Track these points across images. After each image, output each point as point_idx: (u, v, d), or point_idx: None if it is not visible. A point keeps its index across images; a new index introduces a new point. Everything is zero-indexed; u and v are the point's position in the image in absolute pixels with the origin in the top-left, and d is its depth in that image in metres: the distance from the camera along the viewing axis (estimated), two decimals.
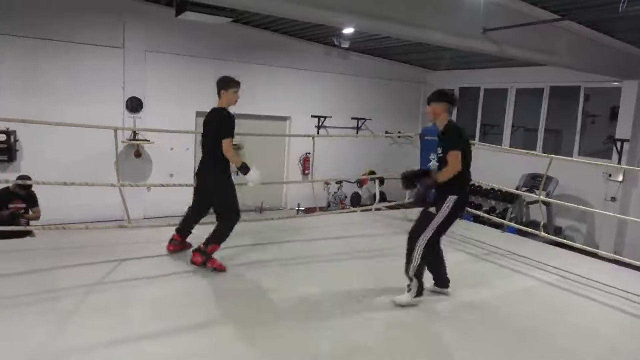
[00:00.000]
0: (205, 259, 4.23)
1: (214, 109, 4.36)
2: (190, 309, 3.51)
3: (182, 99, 9.49)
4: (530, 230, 6.02)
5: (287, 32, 10.32)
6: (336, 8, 5.42)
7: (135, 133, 8.89)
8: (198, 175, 4.47)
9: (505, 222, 7.69)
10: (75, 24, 8.45)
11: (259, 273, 4.29)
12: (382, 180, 10.10)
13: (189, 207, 4.63)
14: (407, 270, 3.70)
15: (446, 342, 3.33)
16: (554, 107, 10.38)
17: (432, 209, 3.68)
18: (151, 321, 3.27)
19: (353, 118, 11.73)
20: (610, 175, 8.84)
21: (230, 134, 4.17)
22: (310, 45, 10.91)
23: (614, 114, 9.21)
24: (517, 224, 7.67)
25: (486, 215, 7.74)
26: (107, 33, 8.72)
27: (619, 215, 7.57)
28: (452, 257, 5.31)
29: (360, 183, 11.74)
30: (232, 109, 4.29)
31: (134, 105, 9.05)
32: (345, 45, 10.29)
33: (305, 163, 11.10)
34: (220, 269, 4.22)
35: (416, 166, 6.67)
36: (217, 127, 4.21)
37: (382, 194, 9.82)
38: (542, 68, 9.59)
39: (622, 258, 5.48)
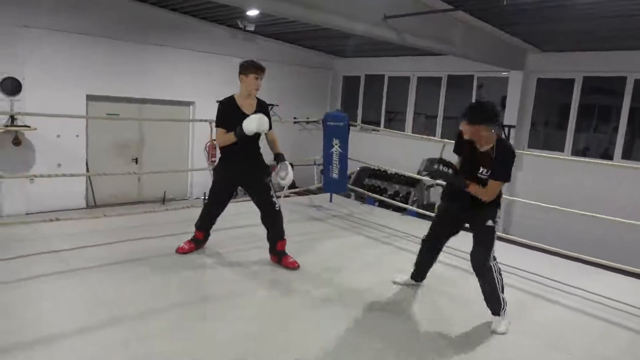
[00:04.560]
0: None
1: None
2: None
3: (71, 81, 8.61)
4: (427, 212, 6.26)
5: (188, 12, 9.76)
6: None
7: (13, 118, 7.93)
8: (237, 169, 4.31)
9: (408, 206, 8.00)
10: None
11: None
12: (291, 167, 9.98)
13: (213, 204, 4.39)
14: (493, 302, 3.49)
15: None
16: (451, 95, 10.93)
17: (489, 222, 3.51)
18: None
19: None
20: None
21: (218, 122, 4.05)
22: (214, 27, 10.44)
23: (504, 102, 9.90)
24: (418, 207, 7.99)
25: (389, 200, 7.95)
26: None
27: (508, 197, 8.13)
28: (355, 240, 5.36)
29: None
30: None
31: (11, 87, 8.03)
32: (251, 28, 9.99)
33: (212, 150, 10.68)
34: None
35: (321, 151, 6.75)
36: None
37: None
38: (441, 57, 10.04)
39: (509, 236, 5.93)
